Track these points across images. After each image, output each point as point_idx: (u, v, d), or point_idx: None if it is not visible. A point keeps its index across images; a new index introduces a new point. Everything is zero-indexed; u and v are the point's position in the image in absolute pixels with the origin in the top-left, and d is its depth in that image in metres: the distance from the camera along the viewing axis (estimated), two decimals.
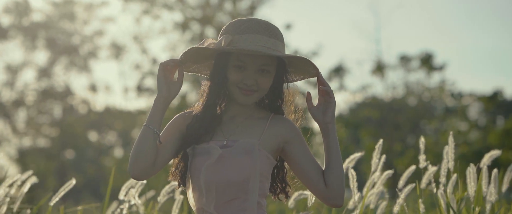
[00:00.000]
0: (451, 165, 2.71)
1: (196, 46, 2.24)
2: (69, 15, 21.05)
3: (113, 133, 25.02)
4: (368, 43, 35.57)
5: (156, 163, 2.23)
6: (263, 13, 20.25)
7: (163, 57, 19.99)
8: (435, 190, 2.77)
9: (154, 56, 19.91)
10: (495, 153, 2.85)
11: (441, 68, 23.36)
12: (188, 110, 2.35)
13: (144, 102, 21.96)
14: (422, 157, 2.82)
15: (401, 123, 22.71)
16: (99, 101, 22.92)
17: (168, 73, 2.28)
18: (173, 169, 2.30)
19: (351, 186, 2.85)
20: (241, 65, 2.22)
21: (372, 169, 2.92)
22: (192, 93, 19.41)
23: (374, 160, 2.90)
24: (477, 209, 2.61)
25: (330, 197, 2.22)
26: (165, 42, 22.43)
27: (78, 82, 28.22)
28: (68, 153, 23.12)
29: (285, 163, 2.34)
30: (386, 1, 34.71)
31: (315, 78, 2.30)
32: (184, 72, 2.32)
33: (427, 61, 23.10)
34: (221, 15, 19.51)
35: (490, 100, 26.98)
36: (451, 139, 2.81)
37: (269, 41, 2.20)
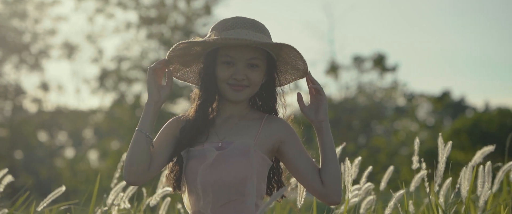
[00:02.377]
0: (442, 167, 2.76)
1: (183, 41, 2.23)
2: (20, 14, 20.63)
3: (64, 133, 24.61)
4: (321, 44, 35.85)
5: (151, 167, 2.22)
6: (218, 12, 20.21)
7: (120, 55, 19.71)
8: (427, 191, 2.81)
9: (114, 54, 19.65)
10: (487, 149, 2.87)
11: (393, 69, 23.72)
12: (181, 114, 2.33)
13: (96, 102, 21.67)
14: (415, 158, 2.85)
15: (354, 123, 22.96)
16: (51, 101, 22.46)
17: (157, 77, 2.27)
18: (168, 173, 2.28)
19: None
20: (229, 60, 2.21)
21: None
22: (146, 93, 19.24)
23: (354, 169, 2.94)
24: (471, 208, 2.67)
25: (327, 194, 2.22)
26: (120, 41, 22.21)
27: (28, 81, 27.70)
28: (17, 153, 22.65)
29: (281, 163, 2.34)
30: (340, 3, 35.05)
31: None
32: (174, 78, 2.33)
33: (379, 62, 23.42)
34: (175, 15, 19.40)
35: (439, 101, 27.51)
36: (440, 140, 2.84)
37: (256, 35, 2.19)
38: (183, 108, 18.54)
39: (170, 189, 2.35)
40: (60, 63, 28.34)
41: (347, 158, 2.85)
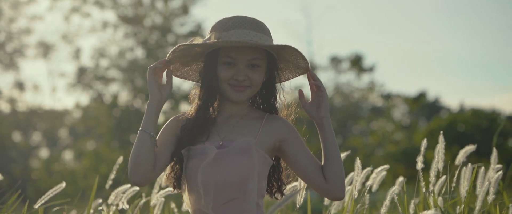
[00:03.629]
0: (440, 165, 2.78)
1: (183, 43, 2.23)
2: None
3: (38, 133, 24.38)
4: (299, 44, 35.90)
5: (155, 167, 2.21)
6: (196, 13, 20.19)
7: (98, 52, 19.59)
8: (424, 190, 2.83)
9: (92, 52, 19.49)
10: (469, 148, 2.91)
11: (370, 69, 23.88)
12: (181, 113, 2.33)
13: (72, 101, 21.48)
14: (420, 159, 2.86)
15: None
16: (27, 101, 22.21)
17: (157, 77, 2.26)
18: (169, 172, 2.28)
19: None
20: (230, 61, 2.21)
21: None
22: (124, 92, 19.13)
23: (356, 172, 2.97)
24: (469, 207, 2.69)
25: (330, 190, 2.23)
26: (97, 41, 22.08)
27: (3, 81, 27.40)
28: None
29: (281, 161, 2.35)
30: (317, 3, 35.18)
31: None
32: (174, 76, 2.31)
33: (357, 63, 23.57)
34: (153, 14, 19.34)
35: (415, 101, 27.71)
36: (441, 139, 2.85)
37: (256, 35, 2.20)
38: None
39: (171, 189, 2.33)
40: (35, 62, 28.06)
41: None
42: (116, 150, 17.75)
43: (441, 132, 2.87)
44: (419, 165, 2.82)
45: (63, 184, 2.75)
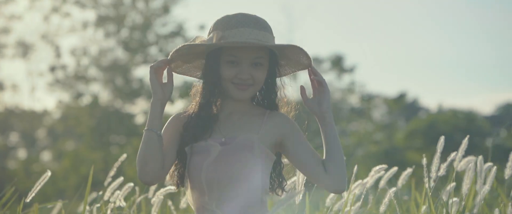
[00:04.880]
0: (437, 163, 2.79)
1: (187, 43, 2.22)
2: None
3: (15, 134, 24.15)
4: None
5: (164, 165, 2.21)
6: (177, 13, 20.14)
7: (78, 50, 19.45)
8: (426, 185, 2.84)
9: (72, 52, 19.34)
10: (472, 158, 2.93)
11: (351, 70, 23.97)
12: (183, 111, 2.33)
13: (52, 102, 21.26)
14: (424, 161, 2.87)
15: (311, 125, 23.13)
16: (6, 101, 21.97)
17: (159, 76, 2.26)
18: (172, 169, 2.27)
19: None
20: (234, 60, 2.21)
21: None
22: (105, 92, 19.04)
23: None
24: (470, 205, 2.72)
25: (332, 184, 2.23)
26: (77, 41, 21.92)
27: None
28: None
29: (283, 157, 2.35)
30: (299, 4, 35.27)
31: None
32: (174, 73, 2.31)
33: (337, 63, 23.66)
34: (134, 14, 19.26)
35: (396, 102, 27.87)
36: (441, 142, 2.86)
37: (259, 33, 2.20)
38: (141, 107, 18.41)
39: (172, 187, 2.33)
40: (14, 62, 27.80)
41: None
42: (96, 151, 17.63)
43: (442, 137, 2.87)
44: (424, 162, 2.82)
45: (49, 173, 2.73)
